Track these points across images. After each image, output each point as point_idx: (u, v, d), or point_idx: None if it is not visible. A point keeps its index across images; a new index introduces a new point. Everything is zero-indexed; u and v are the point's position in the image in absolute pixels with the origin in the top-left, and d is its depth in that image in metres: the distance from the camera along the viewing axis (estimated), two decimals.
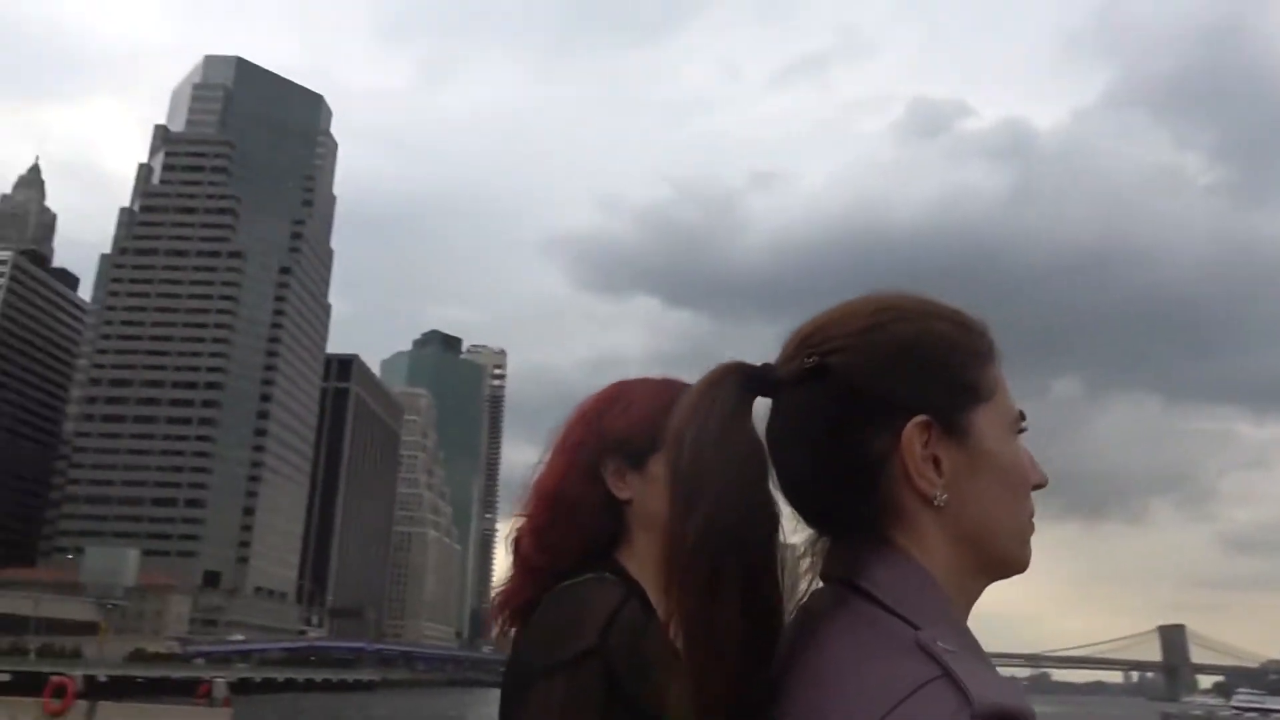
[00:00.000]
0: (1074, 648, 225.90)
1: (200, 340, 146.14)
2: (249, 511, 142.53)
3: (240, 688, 59.81)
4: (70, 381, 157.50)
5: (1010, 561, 0.74)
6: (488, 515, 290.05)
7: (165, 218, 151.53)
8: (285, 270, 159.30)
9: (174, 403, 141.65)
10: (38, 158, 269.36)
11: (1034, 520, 0.75)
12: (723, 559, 0.66)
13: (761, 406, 0.75)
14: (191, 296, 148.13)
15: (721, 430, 0.70)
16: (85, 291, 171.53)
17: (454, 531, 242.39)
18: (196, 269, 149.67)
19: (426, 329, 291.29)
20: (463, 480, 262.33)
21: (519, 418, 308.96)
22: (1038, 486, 0.76)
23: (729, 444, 0.69)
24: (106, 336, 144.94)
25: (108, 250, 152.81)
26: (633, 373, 1.21)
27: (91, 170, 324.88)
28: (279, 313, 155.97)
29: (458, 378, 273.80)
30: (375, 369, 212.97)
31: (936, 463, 0.70)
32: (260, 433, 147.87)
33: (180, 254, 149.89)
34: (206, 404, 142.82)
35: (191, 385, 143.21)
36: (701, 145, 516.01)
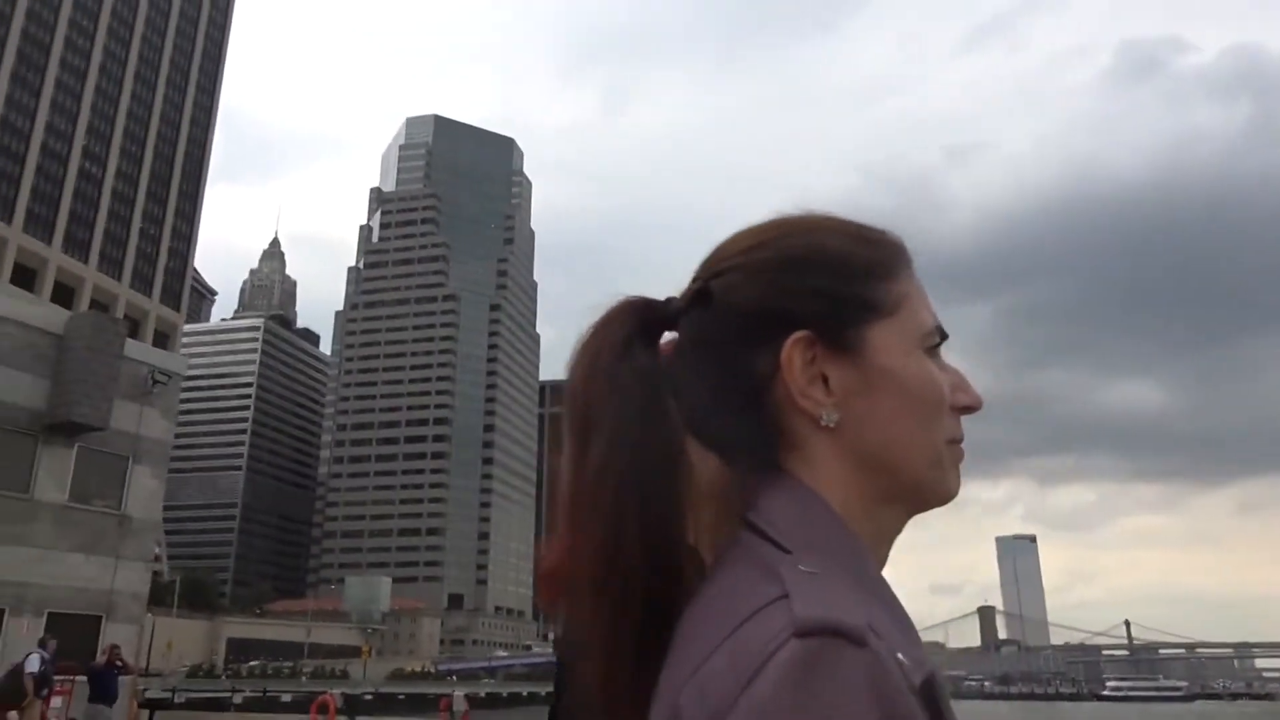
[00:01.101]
0: None
1: (427, 380, 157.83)
2: (484, 536, 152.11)
3: (487, 702, 64.64)
4: (320, 429, 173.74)
5: (924, 488, 0.67)
6: None
7: (386, 272, 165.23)
8: (495, 307, 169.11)
9: (409, 440, 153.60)
10: (276, 232, 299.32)
11: (960, 445, 0.69)
12: (622, 496, 0.61)
13: None
14: (415, 341, 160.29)
15: (611, 365, 0.66)
16: (325, 347, 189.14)
17: None
18: (417, 315, 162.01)
19: None
20: None
21: None
22: (966, 409, 0.70)
23: (620, 379, 0.65)
24: (346, 385, 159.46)
25: (340, 308, 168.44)
26: None
27: (322, 236, 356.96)
28: (493, 347, 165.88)
29: None
30: None
31: (825, 381, 0.65)
32: (487, 461, 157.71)
33: (402, 303, 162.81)
34: (437, 439, 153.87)
35: (423, 423, 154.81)
36: (889, 127, 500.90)
